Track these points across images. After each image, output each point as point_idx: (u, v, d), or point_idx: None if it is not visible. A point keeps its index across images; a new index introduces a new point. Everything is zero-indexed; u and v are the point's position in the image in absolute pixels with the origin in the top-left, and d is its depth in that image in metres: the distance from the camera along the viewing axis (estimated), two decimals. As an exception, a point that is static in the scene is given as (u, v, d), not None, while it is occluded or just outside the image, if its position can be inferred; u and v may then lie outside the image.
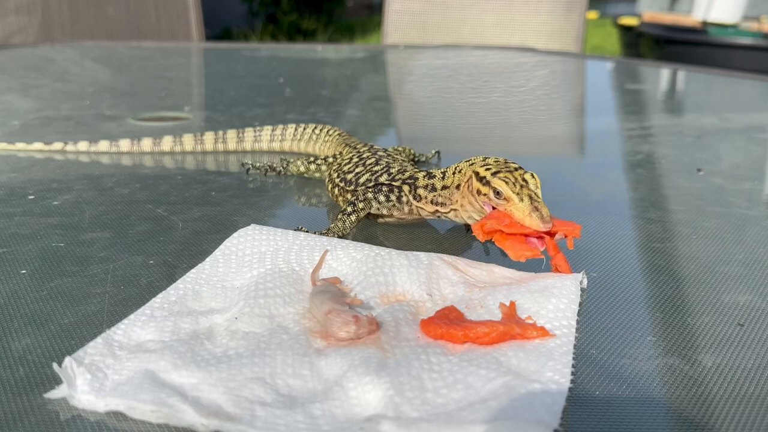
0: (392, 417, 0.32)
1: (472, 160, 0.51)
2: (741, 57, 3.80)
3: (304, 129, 0.82)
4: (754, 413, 0.34)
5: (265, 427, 0.31)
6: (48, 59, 1.70)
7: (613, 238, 0.57)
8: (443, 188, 0.52)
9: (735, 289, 0.48)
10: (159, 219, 0.60)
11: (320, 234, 0.52)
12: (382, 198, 0.55)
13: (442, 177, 0.53)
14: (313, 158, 0.71)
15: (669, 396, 0.35)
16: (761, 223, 0.62)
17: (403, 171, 0.57)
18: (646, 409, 0.34)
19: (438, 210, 0.53)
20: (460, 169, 0.51)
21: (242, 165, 0.76)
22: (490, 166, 0.48)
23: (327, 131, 0.80)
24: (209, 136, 0.83)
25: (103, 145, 0.83)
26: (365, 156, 0.63)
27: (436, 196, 0.53)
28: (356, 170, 0.60)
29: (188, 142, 0.83)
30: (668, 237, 0.58)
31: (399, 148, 0.75)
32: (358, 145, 0.69)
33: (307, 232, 0.52)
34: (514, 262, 0.45)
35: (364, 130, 1.03)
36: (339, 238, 0.52)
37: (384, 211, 0.56)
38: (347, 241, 0.49)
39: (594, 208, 0.46)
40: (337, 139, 0.76)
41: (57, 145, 0.83)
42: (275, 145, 0.84)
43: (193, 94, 1.37)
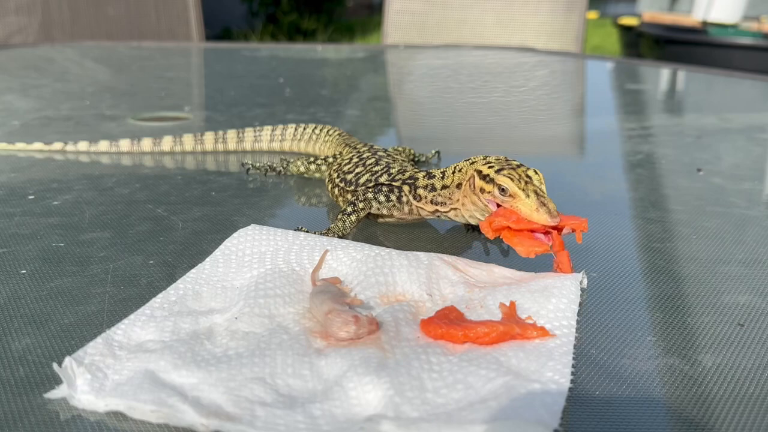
0: (392, 417, 0.32)
1: (472, 159, 0.51)
2: (741, 57, 3.80)
3: (304, 129, 0.82)
4: (754, 413, 0.34)
5: (265, 427, 0.31)
6: (48, 59, 1.70)
7: (613, 238, 0.57)
8: (443, 188, 0.53)
9: (735, 289, 0.48)
10: (159, 219, 0.60)
11: (320, 234, 0.52)
12: (382, 198, 0.55)
13: (442, 177, 0.53)
14: (313, 158, 0.71)
15: (669, 396, 0.35)
16: (761, 223, 0.62)
17: (403, 171, 0.57)
18: (646, 409, 0.34)
19: (438, 210, 0.53)
20: (461, 169, 0.51)
21: (242, 165, 0.76)
22: (492, 164, 0.48)
23: (327, 131, 0.80)
24: (209, 136, 0.83)
25: (103, 145, 0.83)
26: (365, 156, 0.63)
27: (436, 196, 0.53)
28: (356, 170, 0.60)
29: (188, 142, 0.83)
30: (668, 237, 0.58)
31: (399, 148, 0.75)
32: (358, 145, 0.69)
33: (307, 232, 0.52)
34: (513, 262, 0.45)
35: (364, 130, 1.03)
36: (339, 238, 0.52)
37: (384, 211, 0.56)
38: (347, 241, 0.49)
39: (594, 208, 0.46)
40: (337, 139, 0.76)
41: (57, 145, 0.83)
42: (275, 145, 0.84)
43: (193, 94, 1.37)
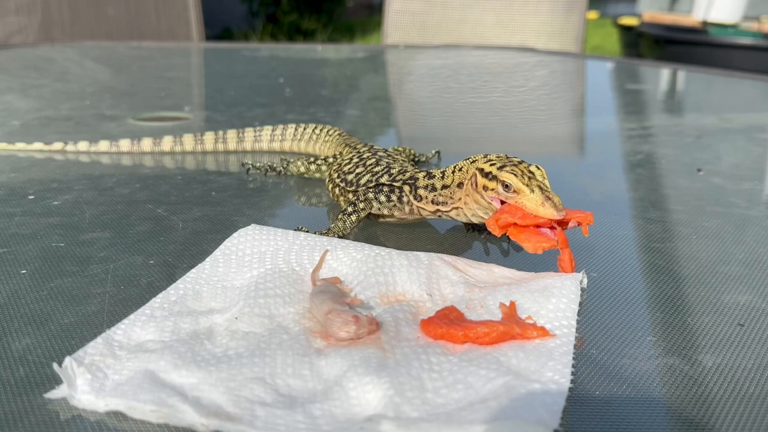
0: (392, 417, 0.32)
1: (473, 158, 0.51)
2: (741, 57, 3.80)
3: (304, 129, 0.82)
4: (754, 413, 0.34)
5: (265, 427, 0.31)
6: (48, 59, 1.70)
7: (613, 238, 0.57)
8: (443, 187, 0.53)
9: (735, 289, 0.48)
10: (159, 219, 0.60)
11: (320, 234, 0.52)
12: (382, 198, 0.55)
13: (442, 176, 0.53)
14: (313, 158, 0.71)
15: (669, 396, 0.35)
16: (761, 223, 0.62)
17: (403, 171, 0.57)
18: (646, 409, 0.34)
19: (439, 209, 0.53)
20: (461, 168, 0.51)
21: (242, 165, 0.76)
22: (493, 161, 0.48)
23: (327, 131, 0.80)
24: (209, 136, 0.83)
25: (103, 145, 0.83)
26: (365, 156, 0.63)
27: (437, 196, 0.53)
28: (357, 171, 0.60)
29: (188, 142, 0.83)
30: (668, 237, 0.58)
31: (399, 148, 0.75)
32: (358, 145, 0.69)
33: (307, 232, 0.52)
34: (513, 262, 0.45)
35: (364, 130, 1.03)
36: (339, 238, 0.52)
37: (385, 212, 0.56)
38: (347, 241, 0.49)
39: (594, 208, 0.46)
40: (337, 139, 0.76)
41: (57, 145, 0.83)
42: (275, 145, 0.84)
43: (193, 94, 1.37)
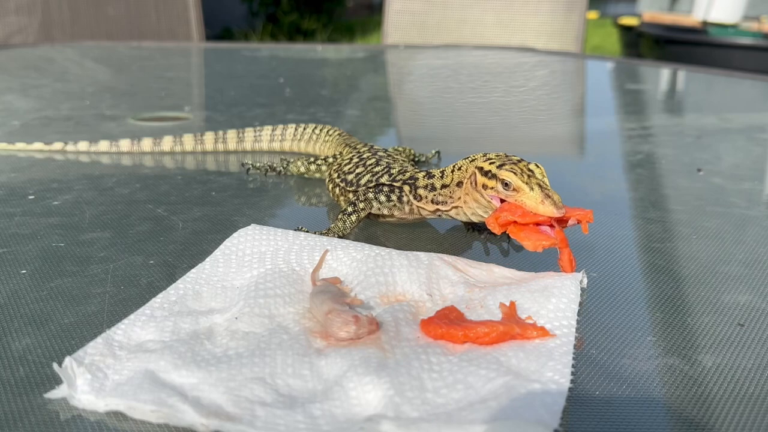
0: (392, 417, 0.32)
1: (472, 157, 0.51)
2: (741, 57, 3.80)
3: (304, 129, 0.82)
4: (754, 413, 0.34)
5: (265, 427, 0.31)
6: (48, 59, 1.70)
7: (613, 238, 0.57)
8: (443, 187, 0.53)
9: (735, 289, 0.48)
10: (159, 219, 0.60)
11: (320, 234, 0.52)
12: (382, 198, 0.55)
13: (441, 176, 0.53)
14: (313, 158, 0.71)
15: (669, 396, 0.35)
16: (761, 223, 0.62)
17: (403, 171, 0.57)
18: (646, 409, 0.34)
19: (439, 209, 0.53)
20: (460, 167, 0.51)
21: (242, 165, 0.76)
22: (493, 160, 0.48)
23: (327, 131, 0.80)
24: (209, 136, 0.83)
25: (103, 145, 0.83)
26: (365, 156, 0.63)
27: (437, 195, 0.53)
28: (357, 171, 0.60)
29: (188, 142, 0.83)
30: (668, 237, 0.58)
31: (399, 148, 0.75)
32: (358, 145, 0.69)
33: (307, 232, 0.52)
34: (513, 262, 0.45)
35: (364, 130, 1.03)
36: (339, 238, 0.52)
37: (385, 211, 0.56)
38: (347, 241, 0.49)
39: (594, 208, 0.46)
40: (337, 139, 0.76)
41: (57, 145, 0.83)
42: (275, 145, 0.84)
43: (193, 94, 1.37)
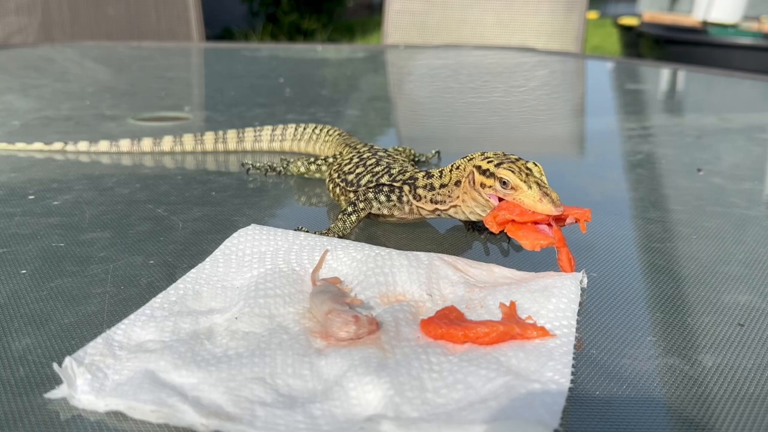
0: (392, 417, 0.32)
1: (470, 156, 0.51)
2: (741, 57, 3.80)
3: (304, 129, 0.82)
4: (754, 413, 0.34)
5: (265, 427, 0.31)
6: (48, 59, 1.70)
7: (613, 238, 0.57)
8: (441, 186, 0.53)
9: (735, 289, 0.48)
10: (159, 219, 0.60)
11: (320, 234, 0.52)
12: (382, 198, 0.55)
13: (440, 175, 0.53)
14: (313, 159, 0.71)
15: (669, 396, 0.35)
16: (761, 223, 0.62)
17: (403, 171, 0.57)
18: (646, 409, 0.34)
19: (438, 208, 0.53)
20: (458, 166, 0.51)
21: (242, 165, 0.76)
22: (491, 158, 0.48)
23: (327, 131, 0.80)
24: (209, 136, 0.83)
25: (103, 145, 0.83)
26: (366, 156, 0.63)
27: (435, 195, 0.53)
28: (357, 171, 0.60)
29: (188, 142, 0.83)
30: (668, 237, 0.58)
31: (399, 148, 0.75)
32: (358, 145, 0.69)
33: (307, 232, 0.52)
34: (513, 262, 0.45)
35: (364, 130, 1.03)
36: (339, 238, 0.52)
37: (385, 211, 0.56)
38: (347, 241, 0.49)
39: (594, 208, 0.46)
40: (337, 139, 0.76)
41: (57, 145, 0.83)
42: (275, 145, 0.84)
43: (193, 94, 1.37)
